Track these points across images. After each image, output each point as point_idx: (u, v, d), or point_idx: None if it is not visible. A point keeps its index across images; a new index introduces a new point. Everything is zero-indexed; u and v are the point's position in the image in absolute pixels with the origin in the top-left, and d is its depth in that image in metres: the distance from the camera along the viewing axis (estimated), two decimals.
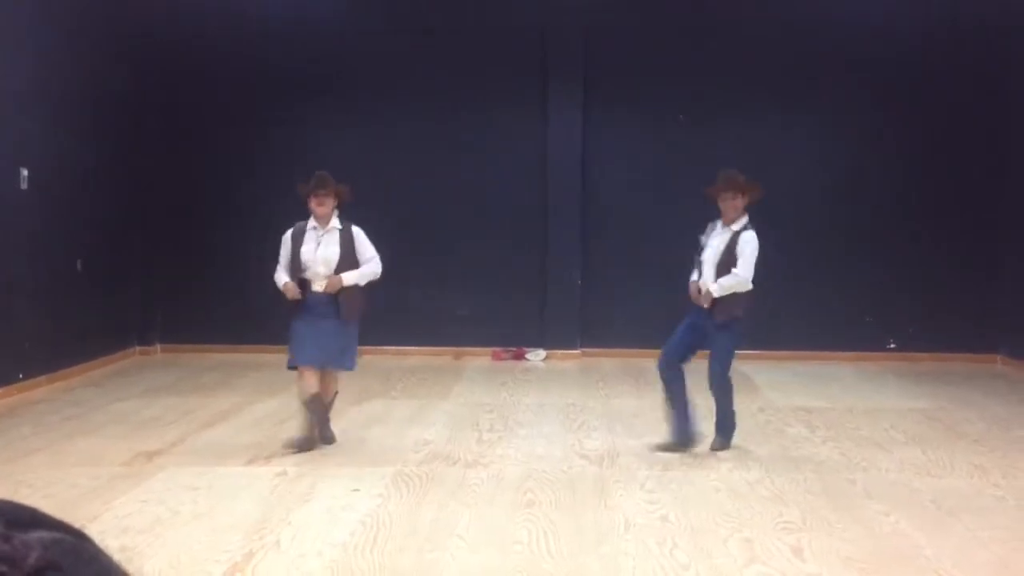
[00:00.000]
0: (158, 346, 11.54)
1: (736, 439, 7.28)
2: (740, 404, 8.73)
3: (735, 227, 6.80)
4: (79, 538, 0.65)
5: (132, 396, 8.96)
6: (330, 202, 6.75)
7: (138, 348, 11.37)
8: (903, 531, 5.21)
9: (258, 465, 6.51)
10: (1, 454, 6.72)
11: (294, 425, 7.60)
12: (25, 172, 8.90)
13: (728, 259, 6.75)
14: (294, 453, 6.66)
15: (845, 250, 11.36)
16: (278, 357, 10.18)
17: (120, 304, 10.91)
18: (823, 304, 11.35)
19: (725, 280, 6.71)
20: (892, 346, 11.43)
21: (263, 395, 8.86)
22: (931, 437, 7.51)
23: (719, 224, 6.90)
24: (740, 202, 6.79)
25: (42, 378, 9.17)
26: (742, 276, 6.72)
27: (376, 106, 11.38)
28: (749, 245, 6.75)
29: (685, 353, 6.94)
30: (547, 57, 11.35)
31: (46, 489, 5.86)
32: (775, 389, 9.54)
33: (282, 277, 6.80)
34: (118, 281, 10.90)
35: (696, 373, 7.01)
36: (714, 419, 7.01)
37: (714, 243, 6.85)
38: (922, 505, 5.72)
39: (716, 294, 6.69)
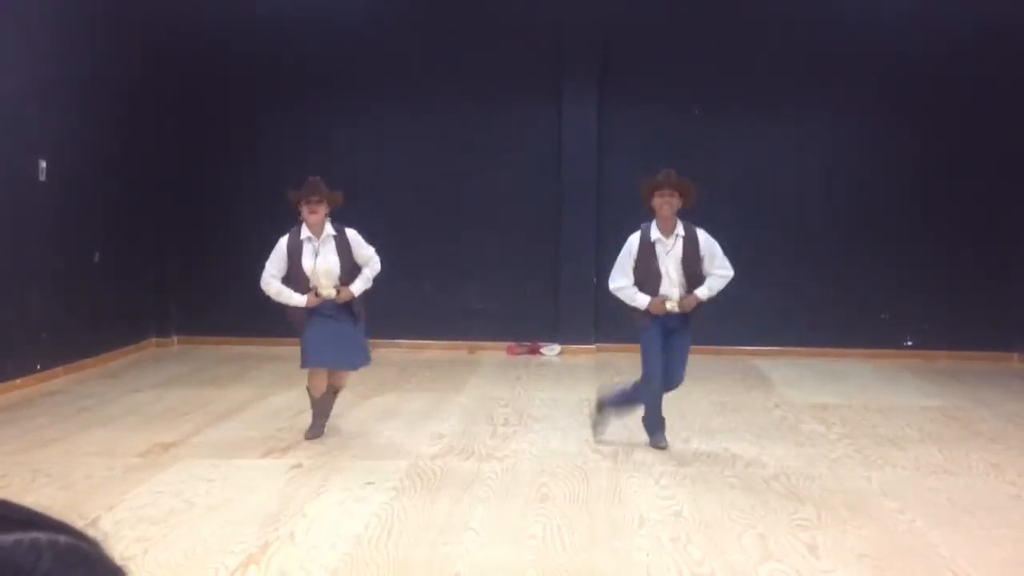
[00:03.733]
0: (174, 338, 11.60)
1: (751, 435, 7.30)
2: (755, 400, 8.77)
3: (680, 232, 6.59)
4: (76, 538, 0.64)
5: (148, 387, 9.00)
6: (322, 209, 6.61)
7: (155, 340, 11.43)
8: (918, 529, 5.19)
9: (273, 457, 6.53)
10: (18, 444, 6.76)
11: (309, 417, 7.66)
12: (44, 164, 8.95)
13: (692, 263, 6.59)
14: (308, 439, 6.90)
15: (862, 247, 11.32)
16: (294, 350, 10.20)
17: (137, 296, 10.96)
18: (840, 301, 11.32)
19: (715, 283, 6.61)
20: (909, 344, 11.39)
21: (279, 387, 8.88)
22: (947, 435, 7.48)
23: (655, 232, 6.60)
24: (677, 202, 6.51)
25: (59, 369, 9.23)
26: (730, 274, 6.64)
27: (391, 100, 11.39)
28: (715, 242, 6.63)
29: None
30: (562, 51, 11.33)
31: (62, 479, 5.90)
32: (791, 386, 9.51)
33: (283, 289, 6.72)
34: (135, 273, 10.96)
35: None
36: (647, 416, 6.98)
37: (668, 253, 6.60)
38: (937, 503, 5.70)
39: (706, 298, 6.62)
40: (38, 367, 8.93)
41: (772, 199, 11.21)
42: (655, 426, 6.98)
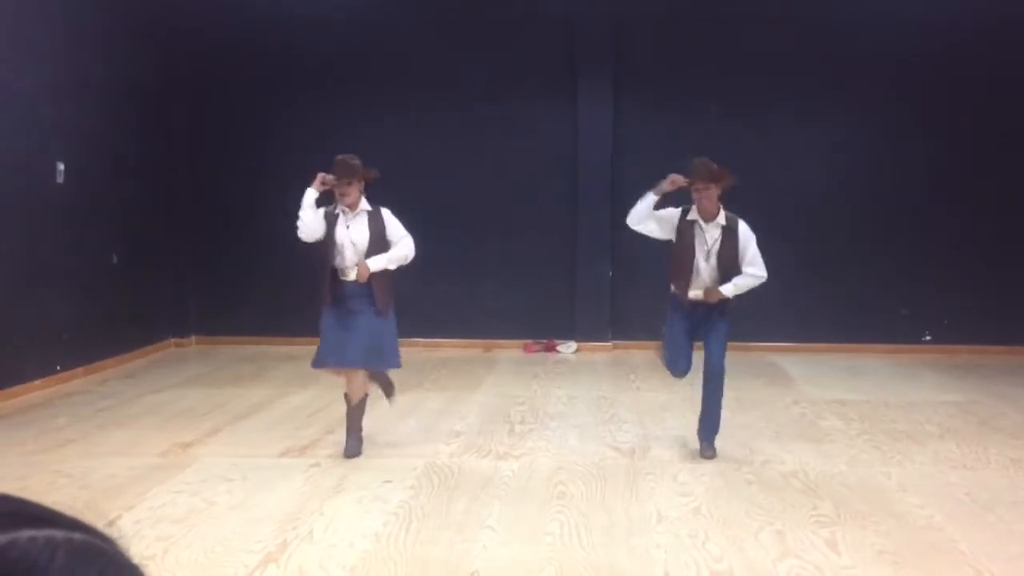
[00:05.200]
0: (192, 338, 11.65)
1: (769, 432, 7.28)
2: (774, 396, 8.74)
3: (721, 221, 6.39)
4: (91, 535, 0.64)
5: (167, 387, 9.04)
6: (353, 190, 6.39)
7: (173, 340, 11.48)
8: (938, 525, 5.16)
9: (292, 456, 6.55)
10: (38, 444, 6.81)
11: (327, 417, 7.67)
12: (62, 166, 9.00)
13: (728, 256, 6.37)
14: (347, 456, 6.51)
15: (881, 243, 11.27)
16: (311, 349, 10.24)
17: (155, 296, 11.02)
18: (858, 297, 11.27)
19: (742, 281, 6.37)
20: (927, 339, 11.33)
21: (296, 387, 8.91)
22: (966, 431, 7.44)
23: (696, 220, 6.41)
24: (715, 192, 6.31)
25: (79, 369, 9.29)
26: (762, 275, 6.41)
27: (405, 97, 11.40)
28: (753, 238, 6.39)
29: (691, 354, 6.70)
30: (577, 49, 11.32)
31: (82, 479, 5.94)
32: (809, 382, 9.48)
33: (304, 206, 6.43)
34: (153, 274, 11.02)
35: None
36: (701, 419, 6.62)
37: (705, 243, 6.41)
38: (957, 499, 5.67)
39: (731, 295, 6.39)
40: (58, 368, 8.99)
41: (790, 196, 11.15)
42: (713, 426, 6.70)
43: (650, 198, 6.43)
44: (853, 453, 6.71)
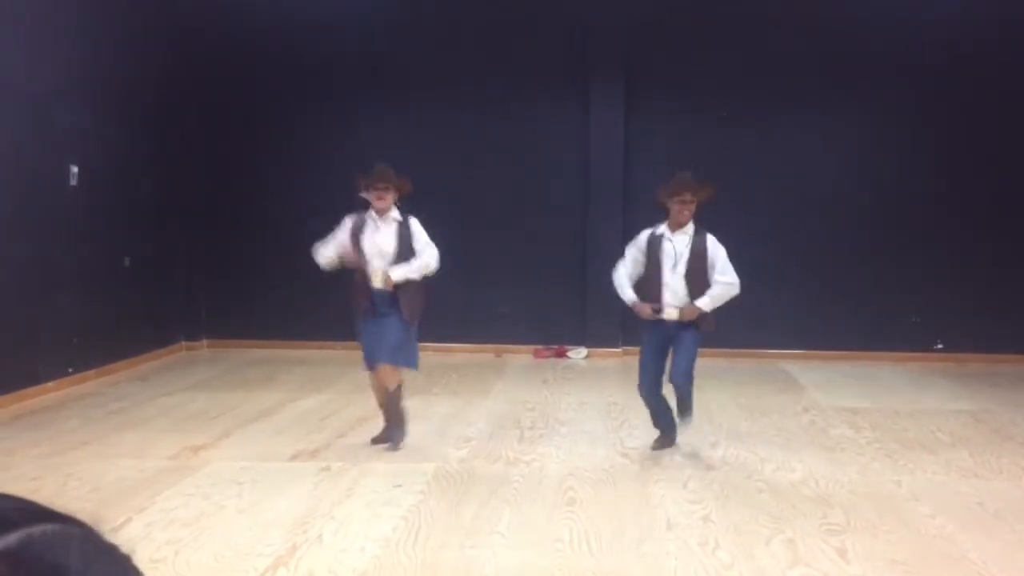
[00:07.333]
0: (204, 341, 11.67)
1: (780, 440, 7.25)
2: (784, 404, 8.71)
3: (689, 231, 6.47)
4: (88, 529, 0.65)
5: (178, 391, 9.07)
6: (389, 196, 6.60)
7: (184, 343, 11.50)
8: (949, 534, 5.14)
9: (302, 460, 6.56)
10: (50, 446, 6.83)
11: (338, 421, 7.68)
12: (75, 169, 9.04)
13: (697, 268, 6.42)
14: (390, 449, 6.76)
15: (892, 250, 11.23)
16: (323, 353, 10.31)
17: (166, 299, 11.05)
18: (869, 304, 11.23)
19: (717, 291, 6.40)
20: (939, 347, 11.28)
21: (307, 391, 8.93)
22: (978, 439, 7.41)
23: (664, 233, 6.53)
24: (694, 205, 6.42)
25: (90, 372, 9.32)
26: (735, 282, 6.43)
27: (417, 100, 11.41)
28: (721, 248, 6.44)
29: (662, 373, 6.72)
30: (589, 53, 11.32)
31: (94, 482, 5.96)
32: (820, 389, 9.45)
33: (318, 249, 6.67)
34: (165, 277, 11.05)
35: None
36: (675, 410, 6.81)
37: (674, 251, 6.47)
38: (968, 508, 5.65)
39: (709, 308, 6.42)
40: (70, 370, 9.02)
41: (800, 201, 11.14)
42: (657, 427, 6.91)
43: (627, 297, 6.68)
44: (864, 461, 6.69)
